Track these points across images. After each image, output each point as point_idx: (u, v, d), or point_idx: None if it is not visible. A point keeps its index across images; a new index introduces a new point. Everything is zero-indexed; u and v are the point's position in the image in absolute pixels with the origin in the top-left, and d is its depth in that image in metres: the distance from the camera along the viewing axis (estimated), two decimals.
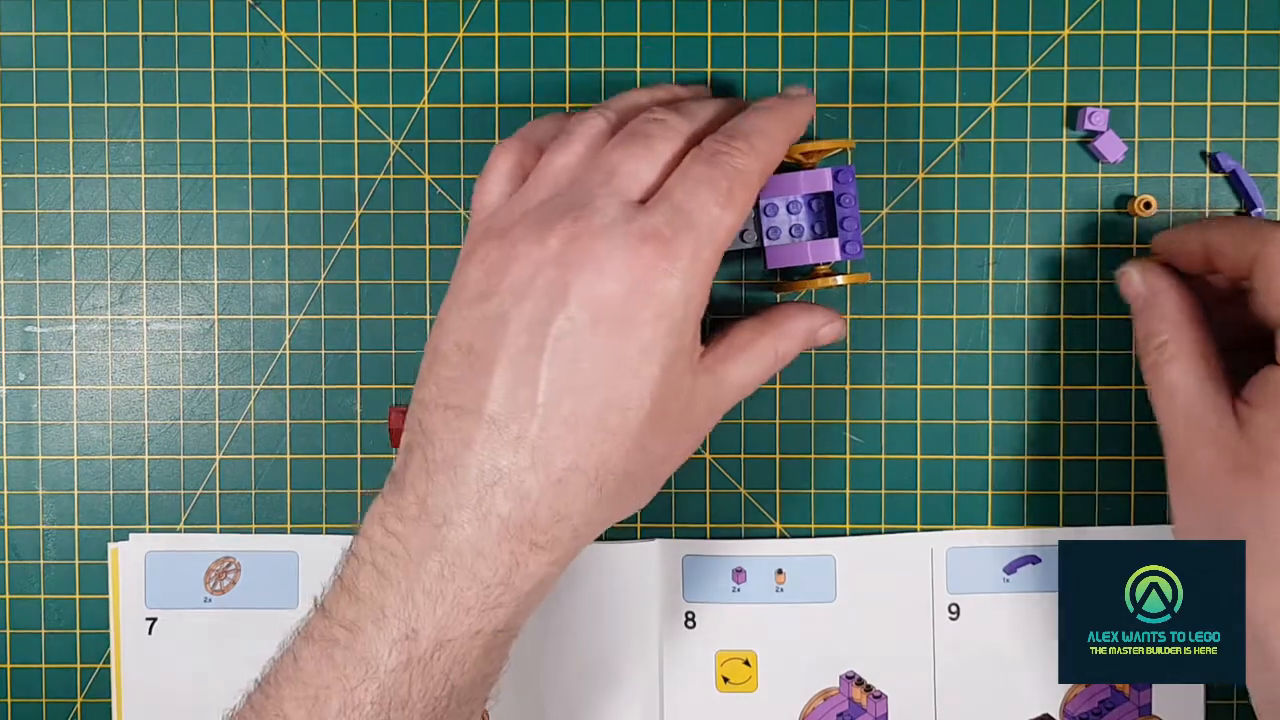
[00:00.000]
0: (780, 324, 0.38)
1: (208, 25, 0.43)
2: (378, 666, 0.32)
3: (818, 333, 0.38)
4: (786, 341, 0.38)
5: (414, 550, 0.32)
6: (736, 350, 0.37)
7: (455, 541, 0.32)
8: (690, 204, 0.33)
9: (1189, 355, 0.36)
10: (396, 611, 0.32)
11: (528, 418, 0.32)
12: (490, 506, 0.32)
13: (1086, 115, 0.42)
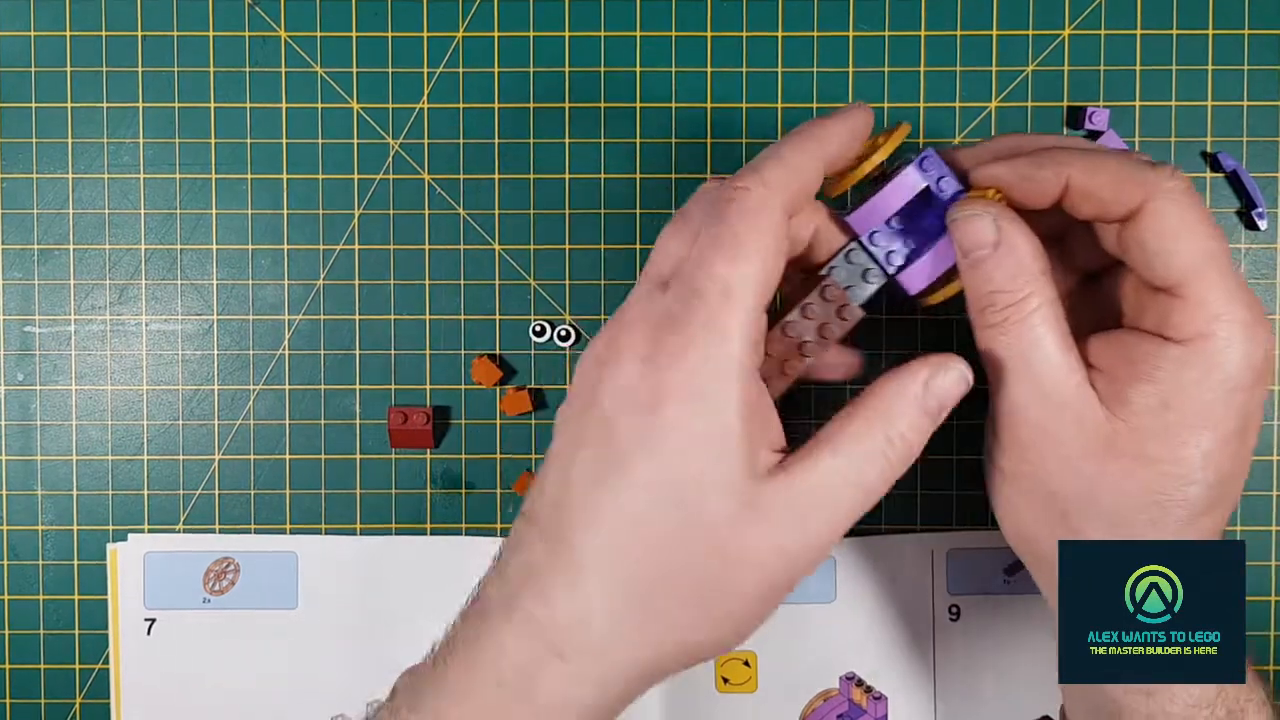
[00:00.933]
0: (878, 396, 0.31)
1: (206, 25, 0.43)
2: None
3: (932, 385, 0.31)
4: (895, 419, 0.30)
5: (459, 640, 0.31)
6: (821, 443, 0.30)
7: (487, 634, 0.30)
8: (697, 271, 0.29)
9: (1048, 316, 0.31)
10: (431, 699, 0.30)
11: (548, 510, 0.30)
12: (519, 601, 0.30)
13: (1087, 115, 0.42)
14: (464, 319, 0.43)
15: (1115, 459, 0.30)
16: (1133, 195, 0.30)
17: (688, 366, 0.29)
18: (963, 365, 0.31)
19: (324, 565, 0.43)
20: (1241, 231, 0.43)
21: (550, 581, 0.30)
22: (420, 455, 0.43)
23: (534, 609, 0.29)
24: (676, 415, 0.29)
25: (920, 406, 0.31)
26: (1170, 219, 0.30)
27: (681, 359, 0.29)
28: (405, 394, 0.43)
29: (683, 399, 0.29)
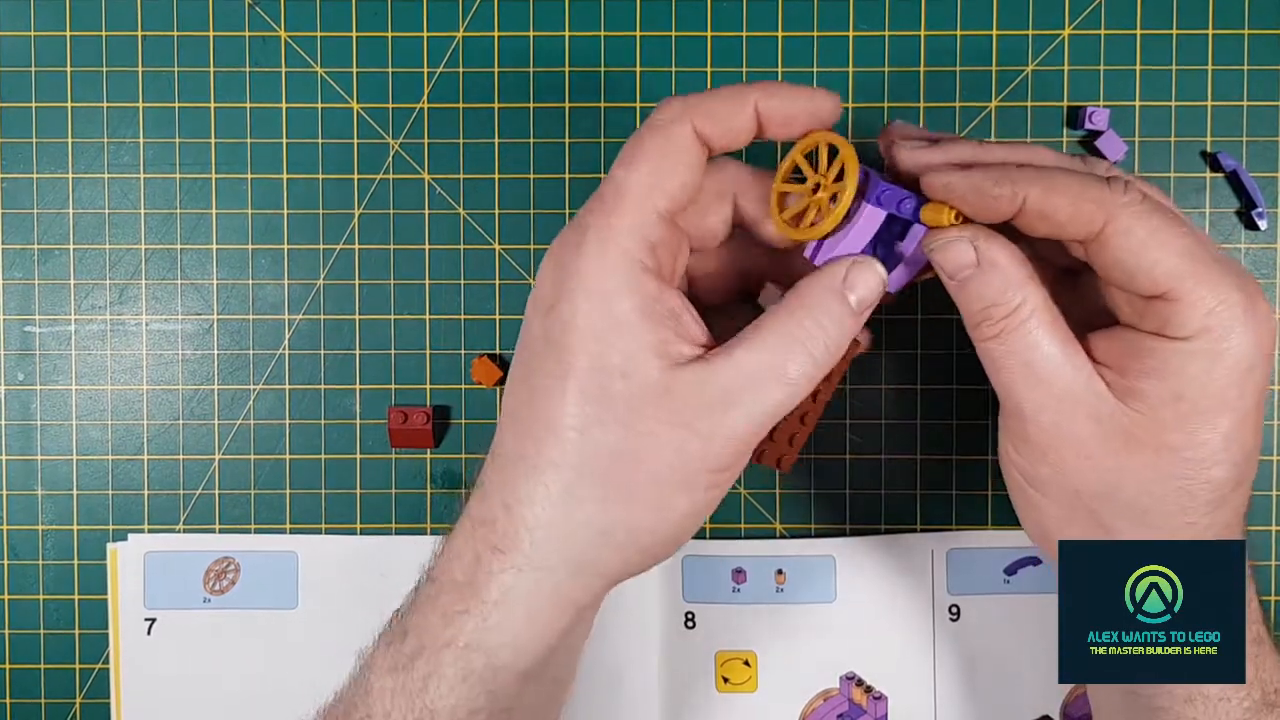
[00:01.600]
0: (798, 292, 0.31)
1: (207, 25, 0.43)
2: (370, 666, 0.32)
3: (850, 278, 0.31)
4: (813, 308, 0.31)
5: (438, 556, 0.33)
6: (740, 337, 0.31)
7: (447, 545, 0.33)
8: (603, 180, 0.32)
9: (1043, 320, 0.31)
10: (402, 612, 0.33)
11: (502, 420, 0.32)
12: (468, 508, 0.32)
13: (1087, 115, 0.42)
14: (464, 319, 0.43)
15: (1136, 451, 0.31)
16: (1093, 219, 0.30)
17: (581, 264, 0.30)
18: (878, 264, 0.31)
19: (324, 565, 0.43)
20: (1241, 231, 0.43)
21: (486, 480, 0.32)
22: (420, 455, 0.43)
23: (475, 509, 0.32)
24: (573, 311, 0.30)
25: (838, 297, 0.31)
26: (1137, 235, 0.30)
27: (577, 257, 0.30)
28: (405, 394, 0.43)
29: (576, 295, 0.30)
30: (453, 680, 0.31)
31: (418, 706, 0.31)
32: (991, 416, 0.43)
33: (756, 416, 0.30)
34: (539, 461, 0.31)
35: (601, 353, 0.30)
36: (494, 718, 0.31)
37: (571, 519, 0.31)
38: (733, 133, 0.31)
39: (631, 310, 0.30)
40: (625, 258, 0.30)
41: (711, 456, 0.30)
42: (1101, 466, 0.31)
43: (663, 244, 0.31)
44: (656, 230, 0.31)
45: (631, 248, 0.30)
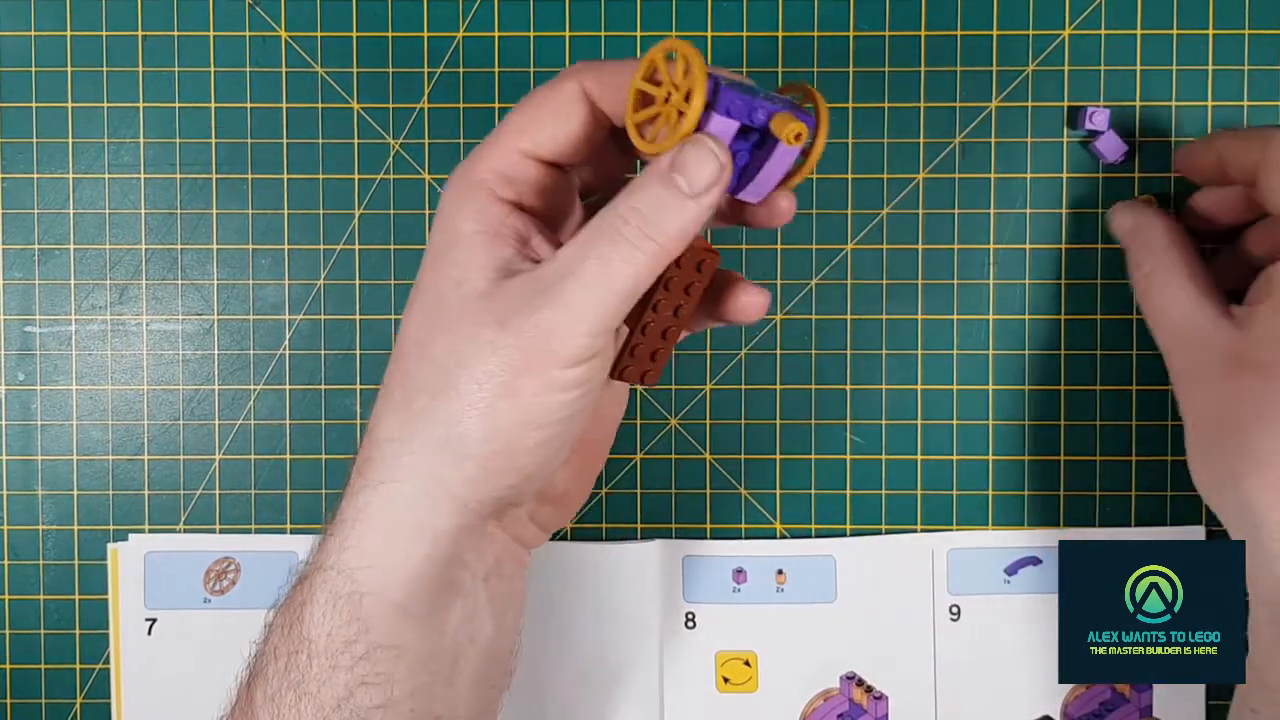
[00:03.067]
0: (628, 184, 0.30)
1: (207, 25, 0.43)
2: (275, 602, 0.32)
3: (678, 158, 0.29)
4: (634, 192, 0.30)
5: None
6: (571, 240, 0.30)
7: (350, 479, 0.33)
8: None
9: (1177, 276, 0.38)
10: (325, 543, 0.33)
11: None
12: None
13: (1087, 115, 0.42)
14: None
15: (1242, 372, 0.35)
16: (1253, 151, 0.36)
17: (443, 195, 0.32)
18: (715, 143, 0.29)
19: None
20: None
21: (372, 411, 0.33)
22: None
23: (362, 441, 0.32)
24: (431, 235, 0.32)
25: (664, 180, 0.29)
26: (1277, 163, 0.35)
27: (444, 191, 0.32)
28: None
29: (435, 222, 0.32)
30: (323, 606, 0.30)
31: (295, 636, 0.30)
32: (992, 417, 0.43)
33: (579, 312, 0.29)
34: (389, 380, 0.32)
35: (441, 268, 0.31)
36: (375, 653, 0.30)
37: (411, 429, 0.30)
38: (621, 97, 0.31)
39: (472, 231, 0.31)
40: (476, 186, 0.31)
41: (532, 355, 0.29)
42: (1215, 390, 0.35)
43: (529, 182, 0.32)
44: (520, 167, 0.32)
45: (487, 178, 0.31)
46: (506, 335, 0.29)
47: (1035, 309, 0.43)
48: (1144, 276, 0.39)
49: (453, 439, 0.30)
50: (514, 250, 0.31)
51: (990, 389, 0.43)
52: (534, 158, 0.32)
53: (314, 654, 0.30)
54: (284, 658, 0.30)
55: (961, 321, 0.43)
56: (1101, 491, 0.43)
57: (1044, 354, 0.43)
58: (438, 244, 0.32)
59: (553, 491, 0.34)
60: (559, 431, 0.30)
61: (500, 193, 0.31)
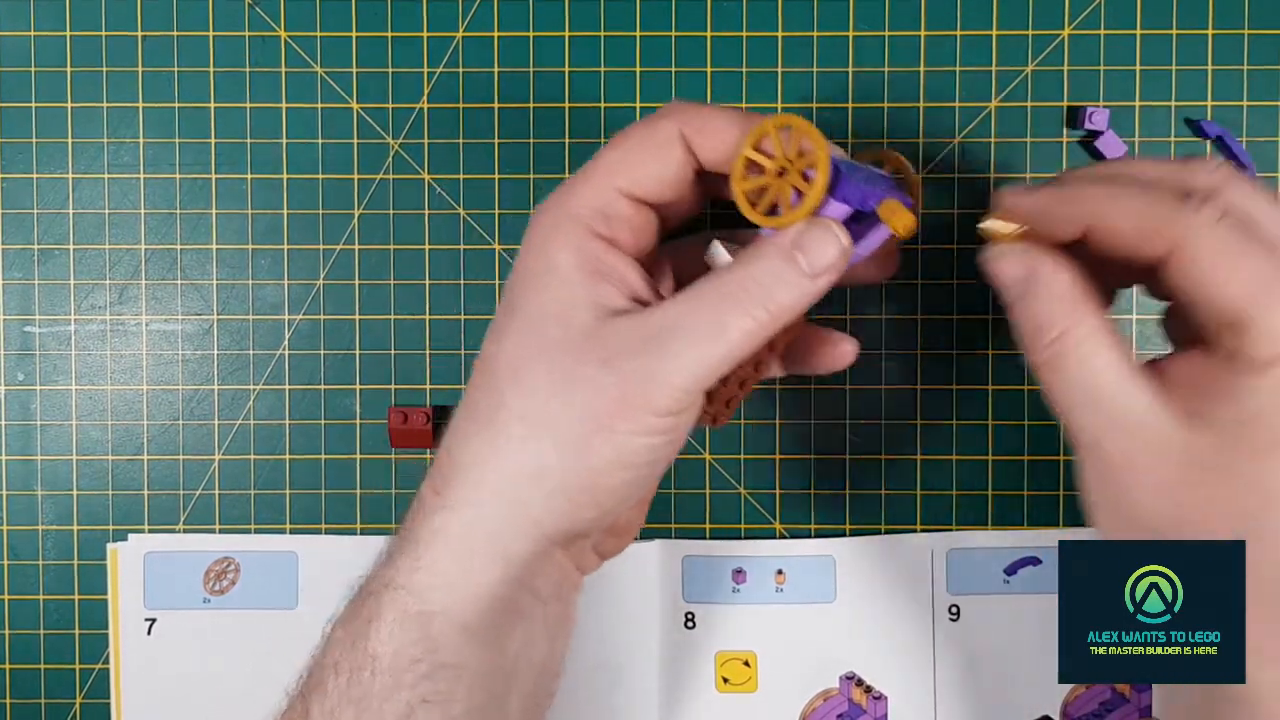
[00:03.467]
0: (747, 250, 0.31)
1: (206, 25, 0.43)
2: (333, 620, 0.33)
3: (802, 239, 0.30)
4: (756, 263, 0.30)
5: None
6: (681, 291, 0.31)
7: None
8: None
9: (1099, 344, 0.30)
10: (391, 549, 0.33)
11: None
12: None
13: (1086, 115, 0.42)
14: (464, 319, 0.43)
15: (1200, 480, 0.30)
16: (1159, 241, 0.29)
17: (536, 224, 0.32)
18: (838, 228, 0.30)
19: (324, 565, 0.43)
20: None
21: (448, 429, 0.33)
22: (420, 455, 0.43)
23: (434, 457, 0.33)
24: (523, 266, 0.32)
25: (784, 255, 0.30)
26: (1206, 258, 0.28)
27: (536, 219, 0.32)
28: (405, 394, 0.43)
29: (527, 252, 0.32)
30: (390, 624, 0.31)
31: (360, 651, 0.31)
32: (992, 417, 0.43)
33: (684, 365, 0.30)
34: (478, 404, 0.32)
35: (541, 300, 0.31)
36: (438, 672, 0.30)
37: (500, 456, 0.31)
38: (722, 149, 0.32)
39: (573, 266, 0.31)
40: (574, 221, 0.32)
41: (632, 398, 0.30)
42: (1170, 497, 0.30)
43: (621, 219, 0.32)
44: (615, 205, 0.32)
45: (583, 214, 0.32)
46: (609, 375, 0.30)
47: None
48: (1054, 343, 0.30)
49: (545, 472, 0.30)
50: (615, 289, 0.31)
51: (990, 389, 0.43)
52: (628, 195, 0.32)
53: (378, 671, 0.30)
54: (346, 673, 0.31)
55: (961, 322, 0.43)
56: None
57: None
58: (532, 271, 0.32)
59: (618, 525, 0.35)
60: (644, 474, 0.31)
61: (596, 228, 0.32)
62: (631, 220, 0.32)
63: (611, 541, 0.36)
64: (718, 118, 0.32)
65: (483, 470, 0.31)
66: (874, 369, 0.43)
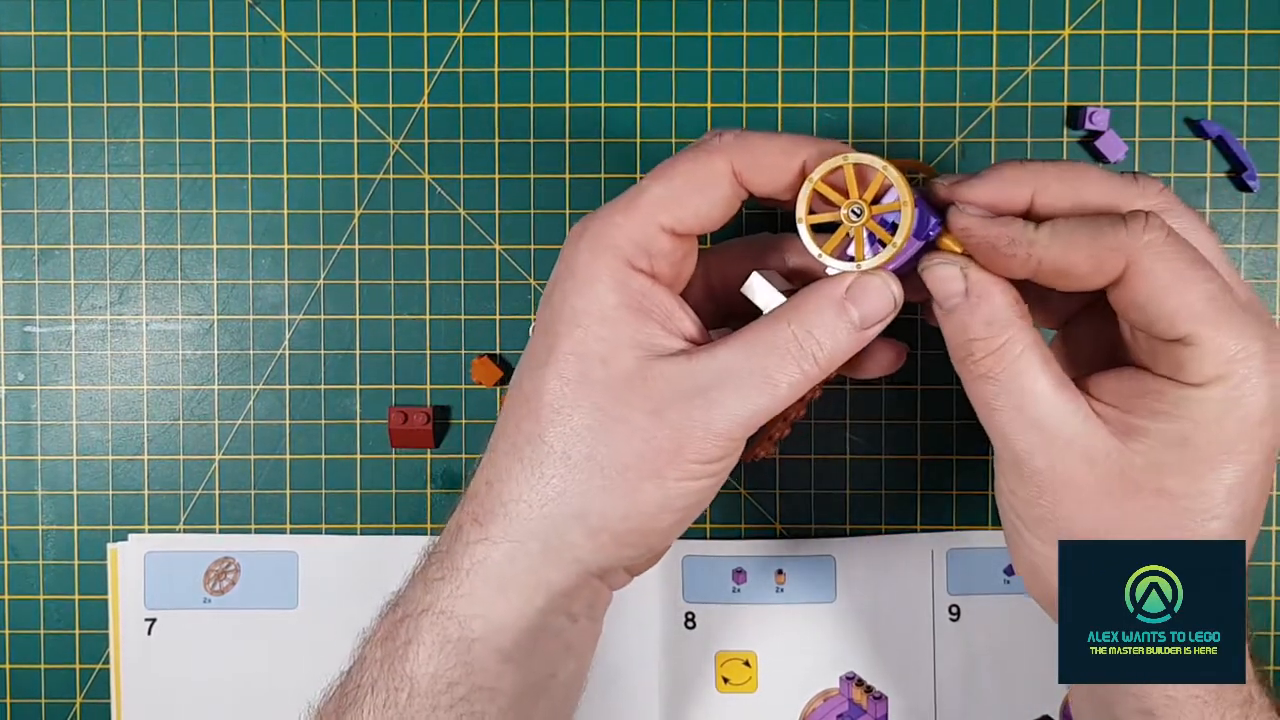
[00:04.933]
0: (797, 298, 0.31)
1: (207, 25, 0.43)
2: (367, 638, 0.33)
3: (853, 290, 0.30)
4: (808, 315, 0.30)
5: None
6: (732, 336, 0.31)
7: (447, 523, 0.33)
8: (640, 180, 0.33)
9: (1032, 359, 0.30)
10: (399, 589, 0.33)
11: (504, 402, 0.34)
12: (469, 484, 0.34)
13: (1087, 115, 0.42)
14: (464, 319, 0.43)
15: (1134, 495, 0.30)
16: (1114, 265, 0.29)
17: (576, 257, 0.31)
18: (891, 279, 0.30)
19: (324, 565, 0.43)
20: (1242, 232, 0.43)
21: (481, 459, 0.33)
22: (420, 455, 0.43)
23: (471, 486, 0.33)
24: (562, 299, 0.31)
25: (837, 307, 0.30)
26: (1160, 276, 0.29)
27: (575, 251, 0.31)
28: (405, 394, 0.43)
29: (567, 284, 0.31)
30: (430, 647, 0.31)
31: (399, 674, 0.31)
32: None
33: (733, 415, 0.30)
34: (518, 439, 0.32)
35: (584, 339, 0.31)
36: (474, 695, 0.31)
37: (544, 496, 0.31)
38: (775, 183, 0.31)
39: (616, 303, 0.31)
40: (616, 255, 0.31)
41: (682, 447, 0.30)
42: (1099, 511, 0.30)
43: (662, 254, 0.32)
44: (657, 240, 0.31)
45: (625, 247, 0.31)
46: (659, 426, 0.30)
47: None
48: (990, 356, 0.30)
49: (590, 513, 0.31)
50: (659, 326, 0.31)
51: None
52: (670, 231, 0.31)
53: (415, 693, 0.31)
54: (383, 693, 0.31)
55: None
56: None
57: None
58: (577, 309, 0.31)
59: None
60: (690, 515, 0.32)
61: (638, 263, 0.31)
62: (674, 254, 0.32)
63: (645, 563, 0.36)
64: (772, 150, 0.31)
65: (525, 507, 0.31)
66: None
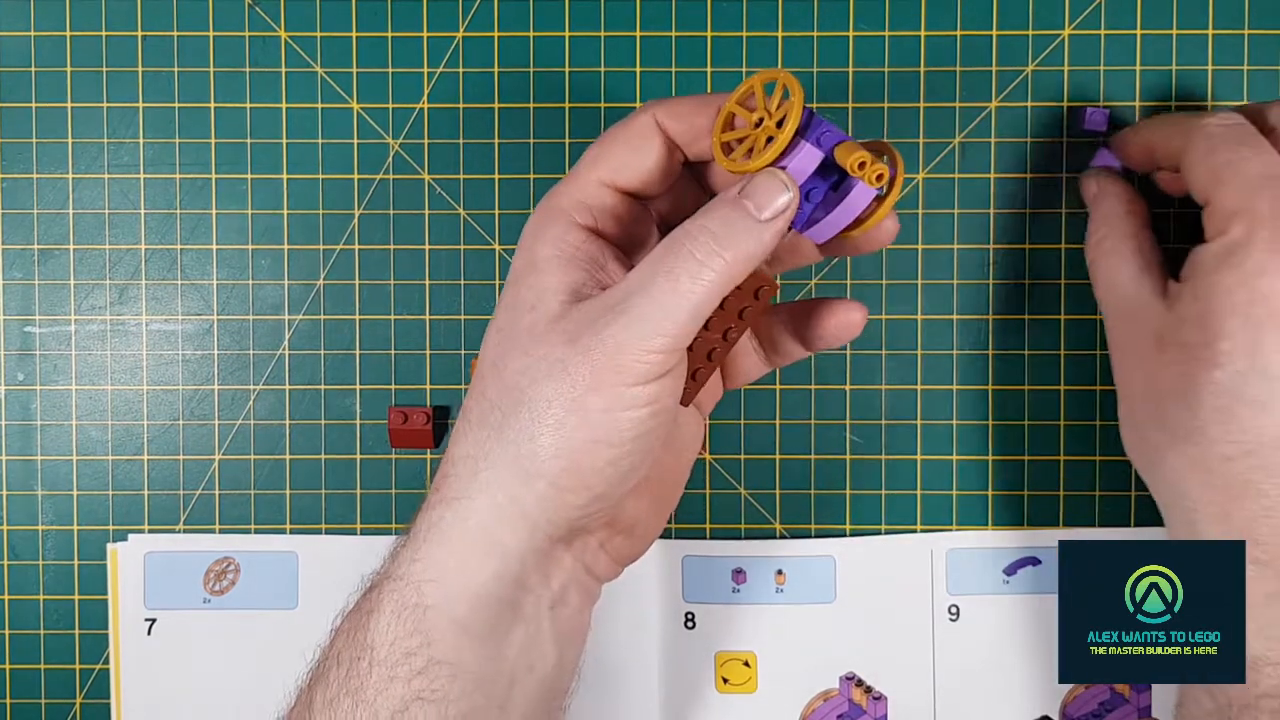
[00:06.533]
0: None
1: (207, 25, 0.43)
2: (339, 614, 0.33)
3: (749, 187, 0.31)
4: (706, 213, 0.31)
5: None
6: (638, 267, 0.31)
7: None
8: None
9: (1123, 248, 0.38)
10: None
11: None
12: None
13: (1086, 115, 0.42)
14: (464, 319, 0.43)
15: (1164, 350, 0.35)
16: (1175, 141, 0.37)
17: (528, 223, 0.33)
18: (781, 172, 0.31)
19: (324, 565, 0.43)
20: None
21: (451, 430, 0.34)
22: (420, 455, 0.43)
23: (441, 459, 0.33)
24: (513, 261, 0.33)
25: (734, 204, 0.31)
26: (1196, 149, 0.35)
27: (529, 221, 0.33)
28: (405, 394, 0.43)
29: (517, 249, 0.33)
30: (388, 615, 0.31)
31: (359, 642, 0.31)
32: (992, 417, 0.43)
33: (644, 325, 0.30)
34: (469, 402, 0.32)
35: (517, 290, 0.32)
36: (433, 668, 0.31)
37: (485, 447, 0.31)
38: (694, 130, 0.33)
39: (549, 256, 0.32)
40: (555, 214, 0.32)
41: (599, 370, 0.30)
42: (1142, 366, 0.36)
43: (605, 209, 0.33)
44: (597, 195, 0.33)
45: (567, 207, 0.32)
46: (575, 353, 0.30)
47: (1034, 309, 0.43)
48: (1095, 244, 0.39)
49: (524, 455, 0.30)
50: (587, 274, 0.32)
51: (990, 389, 0.43)
52: (611, 186, 0.33)
53: (375, 662, 0.31)
54: (346, 664, 0.31)
55: (961, 321, 0.43)
56: (1101, 491, 0.43)
57: (1043, 354, 0.43)
58: (517, 269, 0.33)
59: (624, 520, 0.34)
60: (629, 450, 0.31)
61: (579, 219, 0.32)
62: (617, 211, 0.33)
63: (621, 541, 0.35)
64: (692, 104, 0.33)
65: (471, 463, 0.31)
66: (874, 369, 0.43)
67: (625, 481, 0.32)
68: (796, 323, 0.35)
